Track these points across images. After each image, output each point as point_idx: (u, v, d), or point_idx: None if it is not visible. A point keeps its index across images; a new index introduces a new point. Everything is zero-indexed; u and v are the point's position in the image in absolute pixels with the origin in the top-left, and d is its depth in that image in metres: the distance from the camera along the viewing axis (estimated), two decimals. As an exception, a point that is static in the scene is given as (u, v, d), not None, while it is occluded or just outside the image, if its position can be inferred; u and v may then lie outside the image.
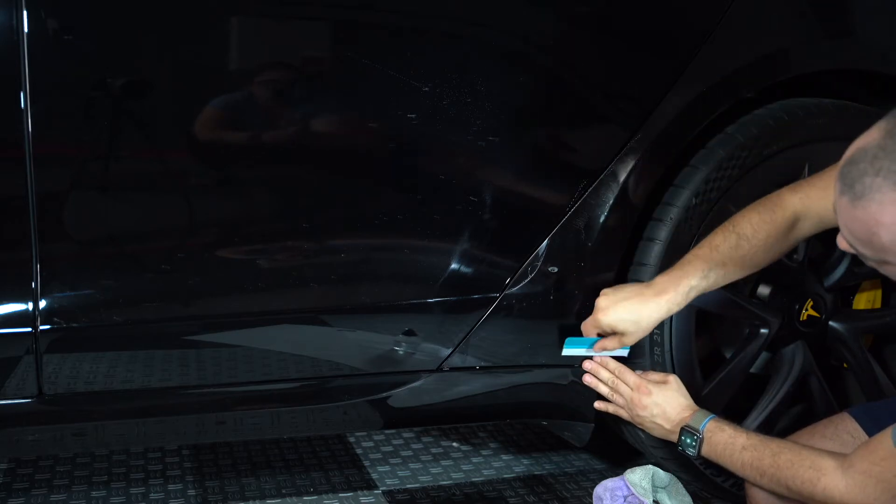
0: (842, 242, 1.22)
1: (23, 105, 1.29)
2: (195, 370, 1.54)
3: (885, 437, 1.28)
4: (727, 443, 1.50)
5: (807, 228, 1.57)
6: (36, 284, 1.38)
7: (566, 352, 1.66)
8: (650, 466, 1.60)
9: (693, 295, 1.55)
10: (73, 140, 1.37)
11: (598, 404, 1.70)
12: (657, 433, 1.62)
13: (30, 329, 1.39)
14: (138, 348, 1.50)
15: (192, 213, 1.49)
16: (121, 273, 1.45)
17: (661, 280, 1.56)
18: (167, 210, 1.47)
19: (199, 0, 1.42)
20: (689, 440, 1.55)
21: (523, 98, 1.61)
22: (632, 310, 1.54)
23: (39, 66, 1.29)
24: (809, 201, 1.54)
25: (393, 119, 1.52)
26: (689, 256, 1.57)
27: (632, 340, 1.58)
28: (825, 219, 1.53)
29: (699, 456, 1.54)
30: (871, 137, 1.13)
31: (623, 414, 1.66)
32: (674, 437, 1.58)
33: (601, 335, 1.62)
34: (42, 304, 1.39)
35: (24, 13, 1.27)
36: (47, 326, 1.40)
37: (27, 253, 1.36)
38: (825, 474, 1.34)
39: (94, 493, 1.85)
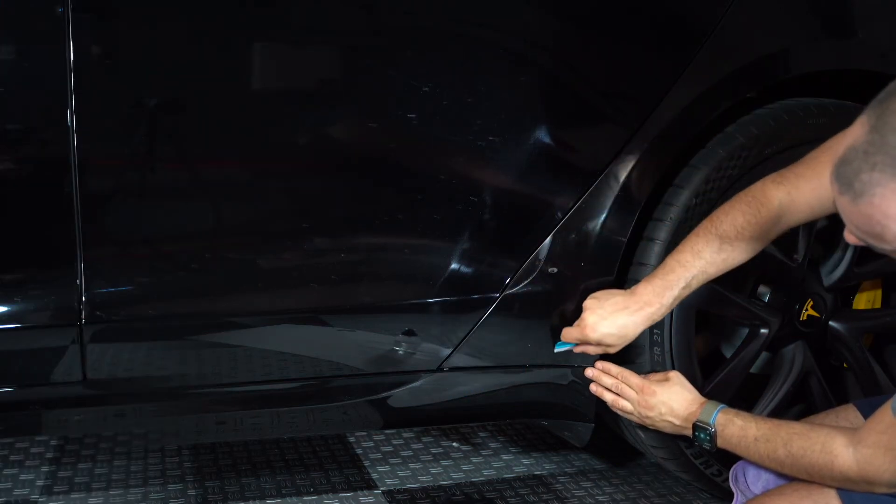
0: (850, 237, 1.21)
1: (69, 122, 1.38)
2: (195, 370, 1.54)
3: (887, 408, 1.30)
4: (740, 435, 1.51)
5: (793, 221, 1.54)
6: (80, 282, 1.43)
7: (559, 350, 1.66)
8: None
9: (675, 304, 1.56)
10: (113, 152, 1.45)
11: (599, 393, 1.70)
12: (669, 430, 1.63)
13: (75, 322, 1.45)
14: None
15: (191, 213, 1.49)
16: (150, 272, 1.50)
17: (644, 291, 1.55)
18: (168, 212, 1.48)
19: (195, 1, 1.43)
20: (702, 435, 1.56)
21: (523, 98, 1.61)
22: (618, 325, 1.55)
23: (84, 88, 1.37)
24: (798, 194, 1.50)
25: (393, 119, 1.52)
26: (671, 263, 1.55)
27: (616, 350, 1.60)
28: (816, 209, 1.50)
29: (716, 449, 1.55)
30: (856, 134, 1.12)
31: (633, 418, 1.66)
32: (687, 433, 1.60)
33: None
34: (85, 299, 1.45)
35: (71, 44, 1.35)
36: (90, 320, 1.46)
37: (73, 254, 1.43)
38: (837, 457, 1.36)
39: (94, 493, 1.85)
